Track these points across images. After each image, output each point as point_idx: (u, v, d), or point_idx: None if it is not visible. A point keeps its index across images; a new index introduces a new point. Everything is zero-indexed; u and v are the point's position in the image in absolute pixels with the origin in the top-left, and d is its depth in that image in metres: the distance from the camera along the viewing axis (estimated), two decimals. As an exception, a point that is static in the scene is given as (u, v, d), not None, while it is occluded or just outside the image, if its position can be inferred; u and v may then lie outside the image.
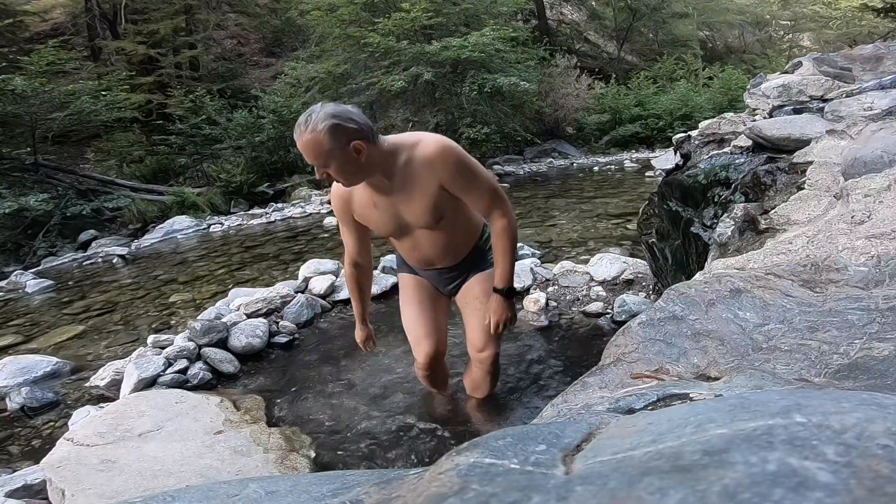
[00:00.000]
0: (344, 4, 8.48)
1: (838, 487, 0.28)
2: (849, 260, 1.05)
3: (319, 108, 1.33)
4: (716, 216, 1.92)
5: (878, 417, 0.33)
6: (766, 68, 12.47)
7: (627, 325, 0.97)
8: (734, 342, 0.86)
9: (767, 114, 2.37)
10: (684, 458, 0.33)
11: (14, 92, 6.80)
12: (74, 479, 1.59)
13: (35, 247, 6.48)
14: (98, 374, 2.62)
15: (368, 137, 1.37)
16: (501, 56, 8.65)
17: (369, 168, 1.41)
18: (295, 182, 9.09)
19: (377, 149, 1.39)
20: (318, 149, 1.31)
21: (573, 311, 2.84)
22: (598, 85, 12.53)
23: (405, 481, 0.42)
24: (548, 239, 4.58)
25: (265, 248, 5.62)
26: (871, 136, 1.54)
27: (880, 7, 10.25)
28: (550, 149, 11.14)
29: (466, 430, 1.88)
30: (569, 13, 18.03)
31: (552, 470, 0.37)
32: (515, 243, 1.55)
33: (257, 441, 1.84)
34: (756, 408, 0.38)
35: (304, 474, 1.59)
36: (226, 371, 2.55)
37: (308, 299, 3.09)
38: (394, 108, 8.80)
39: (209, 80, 11.40)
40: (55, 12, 12.98)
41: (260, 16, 13.27)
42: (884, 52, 3.02)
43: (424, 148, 1.41)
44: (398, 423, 2.00)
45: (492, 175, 1.54)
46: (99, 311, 4.03)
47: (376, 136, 1.39)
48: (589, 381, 0.85)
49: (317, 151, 1.32)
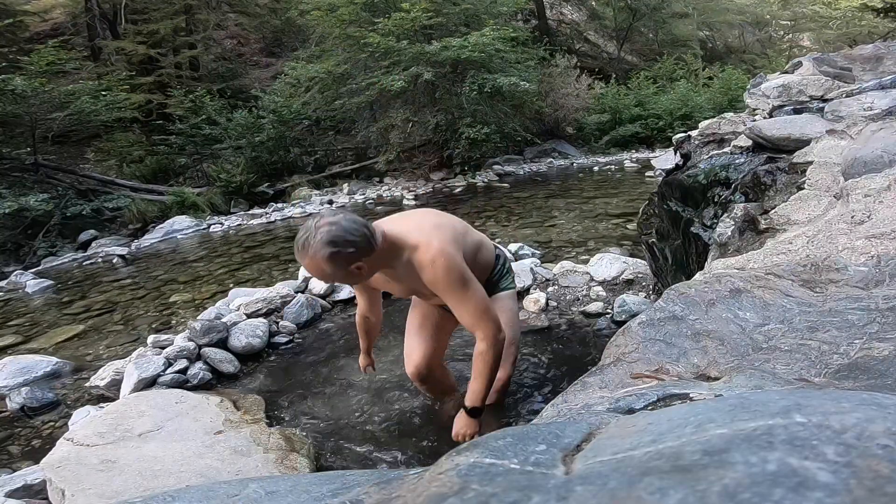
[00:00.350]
0: (344, 4, 8.47)
1: (838, 487, 0.28)
2: (849, 260, 1.05)
3: (314, 230, 1.32)
4: (716, 216, 1.92)
5: (878, 417, 0.33)
6: (766, 68, 12.46)
7: (627, 325, 0.97)
8: (734, 342, 0.86)
9: (767, 114, 2.37)
10: (684, 458, 0.33)
11: (14, 92, 6.79)
12: (74, 479, 1.59)
13: (35, 247, 6.48)
14: (98, 374, 2.62)
15: (368, 252, 1.38)
16: (501, 56, 8.64)
17: (372, 274, 1.47)
18: (295, 182, 9.09)
19: (378, 254, 1.42)
20: (320, 273, 1.37)
21: (573, 311, 2.84)
22: (598, 85, 12.52)
23: (405, 481, 0.42)
24: (548, 239, 4.58)
25: (265, 248, 5.62)
26: (871, 136, 1.54)
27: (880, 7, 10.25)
28: (550, 149, 11.14)
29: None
30: (569, 13, 18.02)
31: (552, 470, 0.37)
32: (494, 367, 1.52)
33: (257, 441, 1.83)
34: (756, 408, 0.38)
35: (304, 474, 1.59)
36: (226, 371, 2.55)
37: (308, 299, 3.09)
38: (394, 107, 8.79)
39: (209, 80, 11.39)
40: (55, 12, 12.97)
41: (260, 16, 13.26)
42: (884, 52, 3.02)
43: (420, 256, 1.45)
44: (398, 423, 2.00)
45: (482, 295, 1.50)
46: (99, 311, 4.03)
47: (376, 241, 1.40)
48: (589, 381, 0.85)
49: (319, 274, 1.39)
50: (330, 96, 9.08)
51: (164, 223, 7.20)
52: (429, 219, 1.60)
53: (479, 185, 8.51)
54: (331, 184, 9.26)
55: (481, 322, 1.48)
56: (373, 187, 8.81)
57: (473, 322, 1.48)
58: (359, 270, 1.39)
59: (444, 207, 6.75)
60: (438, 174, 9.08)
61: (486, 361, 1.50)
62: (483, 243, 1.75)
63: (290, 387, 2.37)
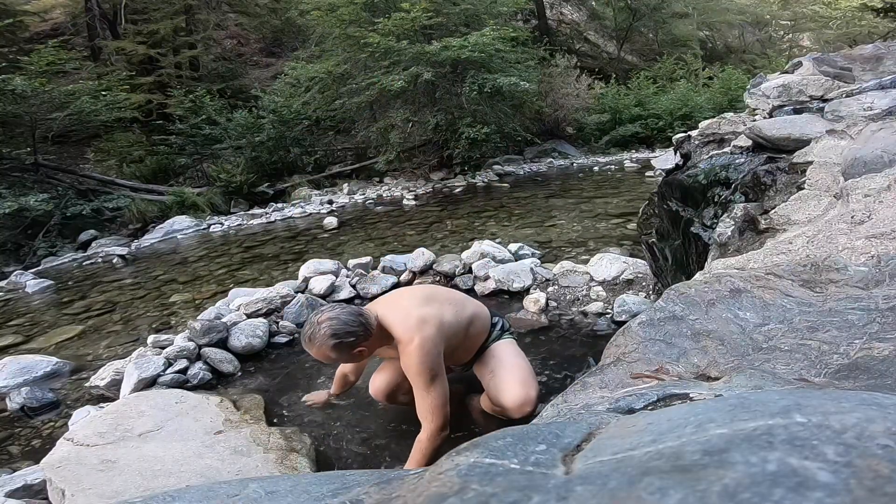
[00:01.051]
0: (344, 4, 8.47)
1: (838, 487, 0.28)
2: (849, 260, 1.05)
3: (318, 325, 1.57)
4: (716, 216, 1.91)
5: (878, 417, 0.33)
6: (766, 68, 12.47)
7: (627, 325, 0.97)
8: (734, 342, 0.86)
9: (767, 114, 2.37)
10: (684, 458, 0.33)
11: (14, 92, 6.79)
12: (74, 479, 1.58)
13: (35, 247, 6.48)
14: (98, 374, 2.62)
15: (367, 337, 1.62)
16: (501, 56, 8.64)
17: (373, 351, 1.72)
18: (295, 182, 9.09)
19: (375, 336, 1.65)
20: (327, 359, 1.64)
21: (573, 311, 2.84)
22: (598, 85, 12.52)
23: (405, 481, 0.42)
24: (548, 239, 4.58)
25: (265, 248, 5.62)
26: (871, 136, 1.54)
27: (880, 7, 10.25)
28: (550, 149, 11.14)
29: (466, 430, 1.88)
30: (569, 13, 18.02)
31: (552, 470, 0.37)
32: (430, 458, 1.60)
33: (257, 441, 1.83)
34: (756, 408, 0.38)
35: (304, 474, 1.59)
36: (226, 371, 2.55)
37: (308, 299, 3.09)
38: (394, 108, 8.79)
39: (209, 80, 11.39)
40: (55, 12, 12.98)
41: (260, 16, 13.26)
42: (884, 52, 3.02)
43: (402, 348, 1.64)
44: (398, 423, 2.00)
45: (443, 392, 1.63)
46: (99, 311, 4.03)
47: (372, 326, 1.62)
48: (589, 381, 0.85)
49: (327, 360, 1.66)
50: (330, 96, 9.07)
51: (164, 223, 7.20)
52: (416, 307, 1.71)
53: (478, 184, 8.51)
54: (331, 184, 9.26)
55: (431, 415, 1.61)
56: (373, 187, 8.81)
57: (424, 413, 1.62)
58: (360, 353, 1.63)
59: (444, 207, 6.77)
60: (438, 174, 9.08)
61: (422, 450, 1.61)
62: (477, 316, 1.90)
63: (290, 387, 2.37)
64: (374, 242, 5.26)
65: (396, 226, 6.01)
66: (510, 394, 1.77)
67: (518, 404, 1.76)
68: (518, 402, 1.76)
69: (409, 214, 6.69)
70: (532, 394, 1.78)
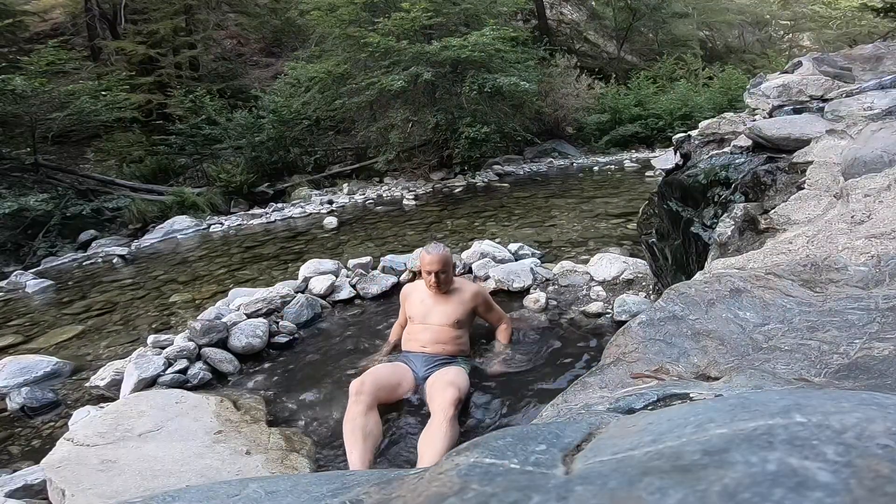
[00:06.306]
0: (344, 4, 8.46)
1: (838, 487, 0.28)
2: (849, 260, 1.05)
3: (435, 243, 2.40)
4: (716, 216, 1.91)
5: (878, 417, 0.33)
6: (766, 68, 12.47)
7: (627, 325, 0.97)
8: (734, 342, 0.86)
9: (767, 114, 2.37)
10: (684, 458, 0.33)
11: (14, 92, 6.79)
12: (74, 479, 1.58)
13: (35, 247, 6.48)
14: (98, 374, 2.62)
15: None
16: (501, 56, 8.64)
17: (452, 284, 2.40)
18: (295, 182, 9.09)
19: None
20: (447, 262, 2.31)
21: (573, 311, 2.83)
22: (598, 85, 12.52)
23: (405, 481, 0.42)
24: (548, 239, 4.58)
25: (265, 248, 5.62)
26: (871, 136, 1.54)
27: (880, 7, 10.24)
28: (550, 149, 11.14)
29: (466, 430, 1.88)
30: (569, 13, 18.02)
31: (552, 470, 0.37)
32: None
33: (257, 441, 1.83)
34: (756, 408, 0.38)
35: (304, 474, 1.59)
36: (226, 371, 2.54)
37: (308, 299, 3.09)
38: (394, 107, 8.79)
39: (209, 80, 11.39)
40: (55, 12, 12.97)
41: (260, 16, 13.25)
42: (884, 51, 3.02)
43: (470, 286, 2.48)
44: (398, 423, 2.00)
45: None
46: (99, 311, 4.03)
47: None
48: (589, 381, 0.85)
49: (445, 263, 2.30)
50: (330, 96, 9.07)
51: (164, 223, 7.20)
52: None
53: (478, 184, 8.51)
54: (331, 184, 9.26)
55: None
56: (373, 187, 8.81)
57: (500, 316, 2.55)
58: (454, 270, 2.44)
59: (444, 207, 6.77)
60: (438, 174, 9.08)
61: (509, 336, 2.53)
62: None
63: (290, 387, 2.37)
64: (373, 242, 5.26)
65: (396, 226, 6.01)
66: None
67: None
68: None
69: (409, 214, 6.69)
70: None
